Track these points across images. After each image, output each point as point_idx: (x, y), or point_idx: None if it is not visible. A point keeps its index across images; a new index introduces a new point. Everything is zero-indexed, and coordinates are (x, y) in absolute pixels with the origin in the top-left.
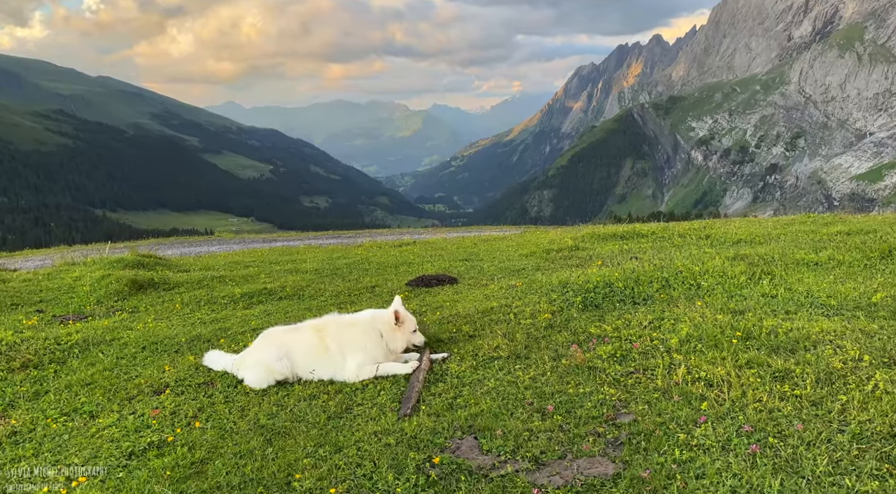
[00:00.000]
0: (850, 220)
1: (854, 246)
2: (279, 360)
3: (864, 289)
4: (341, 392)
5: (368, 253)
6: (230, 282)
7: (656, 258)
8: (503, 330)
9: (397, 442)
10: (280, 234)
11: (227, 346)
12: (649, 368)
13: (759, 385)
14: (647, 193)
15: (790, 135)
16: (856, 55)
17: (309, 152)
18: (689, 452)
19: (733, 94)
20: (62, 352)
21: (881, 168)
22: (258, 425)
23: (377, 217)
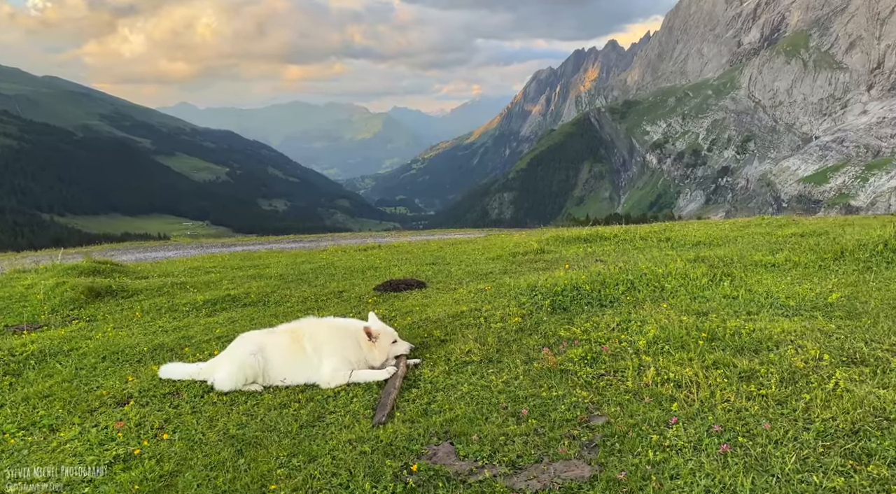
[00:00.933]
0: (802, 222)
1: (808, 247)
2: (253, 355)
3: (821, 290)
4: (313, 400)
5: (333, 257)
6: (192, 289)
7: (620, 261)
8: (474, 335)
9: (373, 450)
10: (240, 239)
11: (192, 355)
12: (619, 370)
13: (726, 385)
14: (605, 195)
15: (741, 139)
16: (801, 62)
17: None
18: (662, 453)
19: (686, 99)
20: (17, 364)
21: (826, 171)
22: (228, 435)
23: (337, 220)
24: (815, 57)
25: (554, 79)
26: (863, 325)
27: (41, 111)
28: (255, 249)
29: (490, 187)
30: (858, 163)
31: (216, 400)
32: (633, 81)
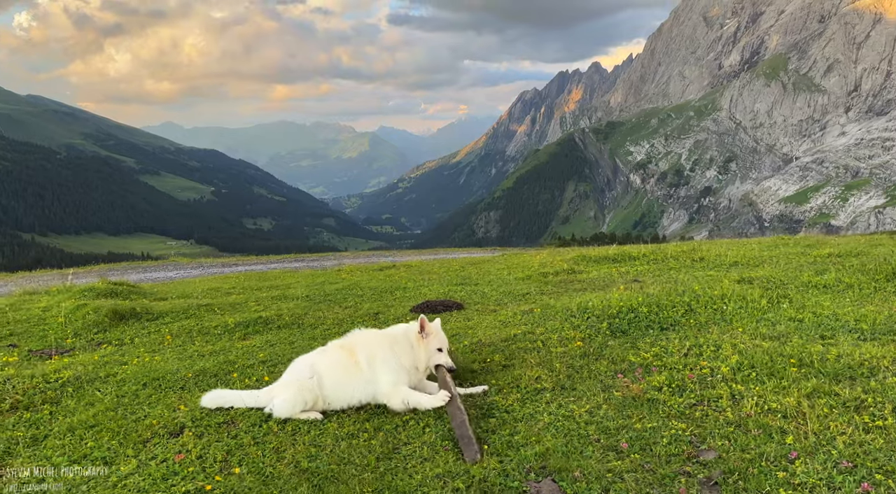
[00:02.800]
0: (832, 242)
1: (855, 268)
2: (310, 379)
3: (889, 313)
4: (381, 429)
5: (355, 277)
6: (219, 311)
7: (661, 281)
8: (537, 360)
9: (467, 487)
10: (241, 259)
11: (239, 381)
12: (712, 399)
13: (836, 416)
14: (590, 215)
15: (722, 159)
16: (781, 84)
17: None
18: (795, 492)
19: (668, 120)
20: (54, 391)
21: (807, 191)
22: (300, 469)
23: (323, 239)
24: (794, 79)
25: (539, 99)
26: None
27: (24, 130)
28: (259, 269)
29: (476, 206)
30: (838, 183)
31: (276, 430)
32: (617, 103)
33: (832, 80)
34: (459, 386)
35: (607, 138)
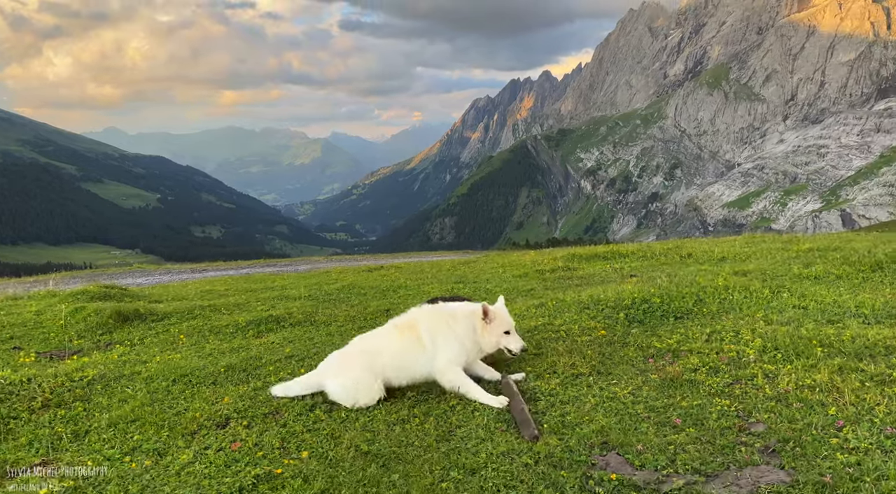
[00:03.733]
0: (807, 239)
1: (839, 260)
2: (374, 355)
3: (886, 300)
4: (430, 414)
5: (349, 278)
6: (224, 311)
7: (659, 276)
8: (565, 348)
9: (535, 462)
10: (209, 264)
11: (274, 375)
12: (747, 378)
13: (868, 389)
14: (543, 220)
15: (668, 166)
16: (723, 93)
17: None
18: (851, 455)
19: (617, 128)
20: (82, 390)
21: (748, 196)
22: (361, 452)
23: (276, 246)
24: (735, 89)
25: (492, 107)
26: None
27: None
28: (232, 273)
29: (431, 212)
30: (777, 188)
31: (325, 418)
32: (567, 111)
33: (770, 90)
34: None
35: (559, 145)
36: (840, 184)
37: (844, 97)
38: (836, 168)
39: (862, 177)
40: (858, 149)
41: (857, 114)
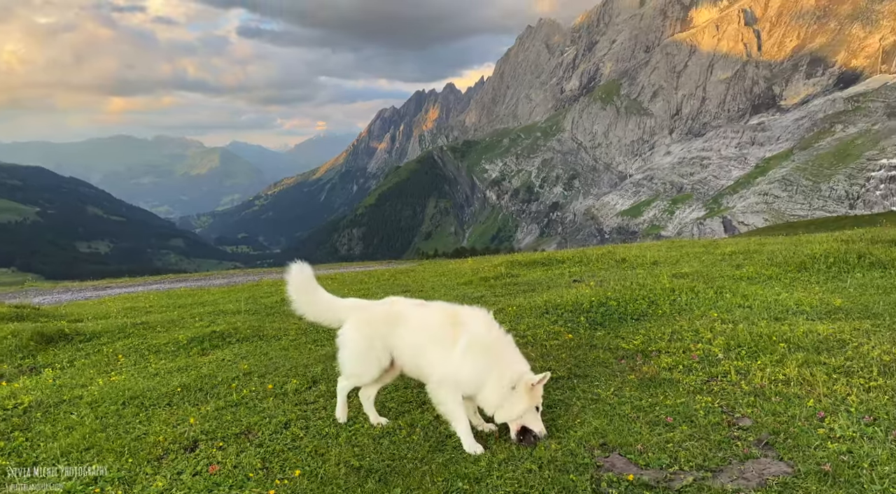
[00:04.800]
0: (726, 243)
1: (765, 262)
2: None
3: (820, 298)
4: (416, 426)
5: (283, 290)
6: (160, 329)
7: (606, 280)
8: (537, 353)
9: (540, 467)
10: (112, 281)
11: (236, 392)
12: (721, 375)
13: (835, 380)
14: (451, 230)
15: (567, 177)
16: (615, 108)
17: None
18: (841, 444)
19: (519, 140)
20: (19, 418)
21: (640, 205)
22: (353, 468)
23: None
24: (626, 104)
25: (398, 118)
26: (892, 324)
27: None
28: (141, 290)
29: (339, 223)
30: (666, 197)
31: (302, 435)
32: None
33: (658, 105)
34: None
35: (464, 156)
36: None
37: (723, 112)
38: (717, 178)
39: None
40: (737, 160)
41: (735, 129)
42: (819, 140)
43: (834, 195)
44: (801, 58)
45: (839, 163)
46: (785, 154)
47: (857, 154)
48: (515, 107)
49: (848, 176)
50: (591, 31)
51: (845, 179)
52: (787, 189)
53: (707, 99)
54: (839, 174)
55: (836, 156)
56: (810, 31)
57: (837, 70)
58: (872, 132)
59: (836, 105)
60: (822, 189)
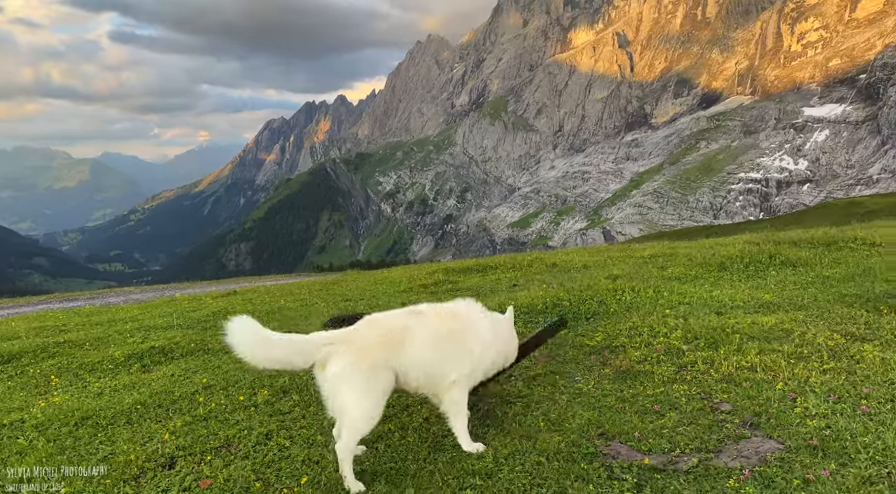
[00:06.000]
0: (643, 248)
1: (687, 263)
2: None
3: (749, 294)
4: (407, 428)
5: (211, 303)
6: (88, 347)
7: (547, 283)
8: None
9: (548, 459)
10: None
11: (203, 406)
12: (689, 364)
13: (794, 365)
14: (345, 243)
15: (460, 190)
16: (503, 123)
17: None
18: (819, 421)
19: (412, 153)
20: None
21: (528, 217)
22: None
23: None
24: (513, 120)
25: (287, 129)
26: (821, 314)
27: None
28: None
29: (225, 237)
30: (552, 210)
31: (288, 445)
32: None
33: (542, 121)
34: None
35: (358, 169)
36: (601, 205)
37: (601, 129)
38: (597, 191)
39: (618, 199)
40: (614, 174)
41: (612, 145)
42: (686, 155)
43: (700, 206)
44: (669, 79)
45: (704, 176)
46: (656, 168)
47: (719, 168)
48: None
49: (712, 188)
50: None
51: (709, 192)
52: (659, 201)
53: (586, 116)
54: (704, 187)
55: (701, 171)
56: (676, 54)
57: (700, 91)
58: (732, 148)
59: (700, 123)
60: (690, 200)
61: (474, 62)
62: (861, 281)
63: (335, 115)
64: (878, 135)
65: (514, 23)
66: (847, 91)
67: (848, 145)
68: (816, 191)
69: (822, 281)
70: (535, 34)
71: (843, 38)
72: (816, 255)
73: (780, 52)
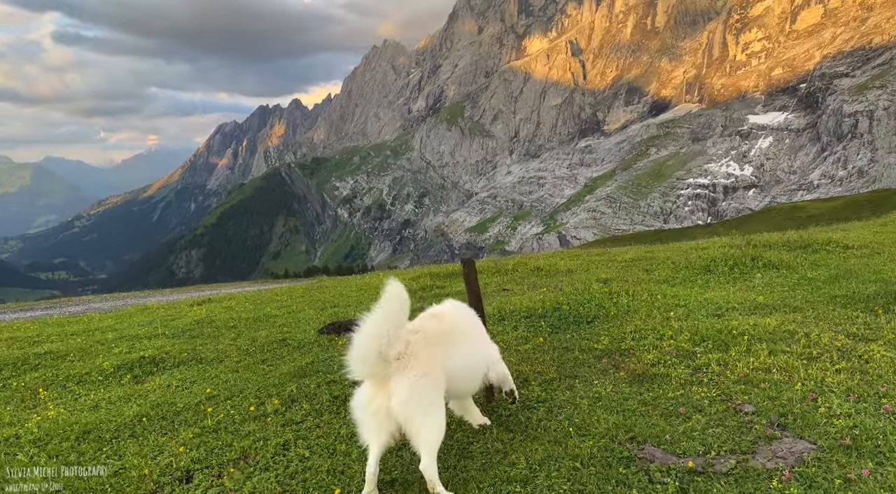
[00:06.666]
0: (624, 252)
1: (671, 267)
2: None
3: (745, 296)
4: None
5: (188, 311)
6: (72, 358)
7: (545, 287)
8: (517, 358)
9: (583, 465)
10: None
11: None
12: (703, 367)
13: (806, 366)
14: (301, 249)
15: (418, 195)
16: (460, 129)
17: None
18: (846, 421)
19: (369, 158)
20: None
21: (485, 221)
22: (387, 482)
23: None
24: (469, 125)
25: (240, 132)
26: (818, 315)
27: None
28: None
29: (175, 244)
30: (508, 214)
31: (307, 455)
32: (320, 139)
33: (498, 127)
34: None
35: (314, 174)
36: (556, 210)
37: (556, 135)
38: (552, 196)
39: (572, 204)
40: (568, 180)
41: (566, 151)
42: (637, 161)
43: (651, 211)
44: (620, 87)
45: (654, 182)
46: (609, 174)
47: (669, 174)
48: (364, 125)
49: (662, 193)
50: (434, 54)
51: (660, 197)
52: (612, 206)
53: (541, 123)
54: (655, 192)
55: (652, 176)
56: (627, 63)
57: (650, 99)
58: (680, 154)
59: (650, 130)
60: (641, 205)
61: (431, 68)
62: (846, 283)
63: (290, 119)
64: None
65: (469, 29)
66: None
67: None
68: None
69: (808, 282)
70: (490, 41)
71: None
72: (796, 258)
73: (726, 61)
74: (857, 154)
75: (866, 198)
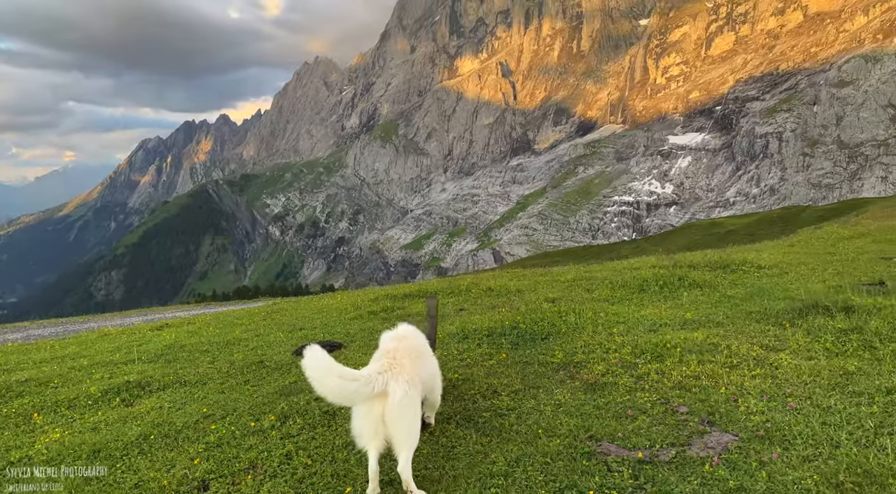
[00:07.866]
0: (566, 272)
1: (608, 286)
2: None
3: (675, 313)
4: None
5: (153, 337)
6: (56, 384)
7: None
8: (484, 372)
9: (553, 459)
10: None
11: (214, 434)
12: (645, 375)
13: (729, 373)
14: (230, 268)
15: (352, 212)
16: (394, 147)
17: None
18: (761, 417)
19: (301, 175)
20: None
21: (421, 239)
22: (387, 483)
23: None
24: (404, 143)
25: (164, 149)
26: (737, 329)
27: None
28: None
29: (94, 265)
30: (443, 231)
31: (313, 463)
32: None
33: (432, 145)
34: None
35: (243, 191)
36: (490, 227)
37: (489, 154)
38: (486, 213)
39: (505, 221)
40: (501, 197)
41: (499, 169)
42: (566, 179)
43: (580, 227)
44: (548, 107)
45: (582, 199)
46: (540, 192)
47: (596, 192)
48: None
49: (590, 211)
50: (367, 72)
51: (588, 214)
52: (543, 222)
53: (474, 141)
54: (583, 209)
55: (580, 194)
56: (555, 84)
57: (577, 119)
58: (606, 173)
59: (577, 149)
60: (571, 222)
61: (363, 85)
62: (759, 300)
63: (217, 135)
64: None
65: (401, 48)
66: (705, 121)
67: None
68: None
69: (728, 300)
70: (422, 60)
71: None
72: (716, 277)
73: (647, 84)
74: (768, 173)
75: (778, 214)
